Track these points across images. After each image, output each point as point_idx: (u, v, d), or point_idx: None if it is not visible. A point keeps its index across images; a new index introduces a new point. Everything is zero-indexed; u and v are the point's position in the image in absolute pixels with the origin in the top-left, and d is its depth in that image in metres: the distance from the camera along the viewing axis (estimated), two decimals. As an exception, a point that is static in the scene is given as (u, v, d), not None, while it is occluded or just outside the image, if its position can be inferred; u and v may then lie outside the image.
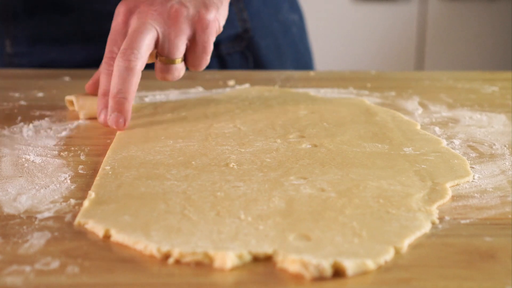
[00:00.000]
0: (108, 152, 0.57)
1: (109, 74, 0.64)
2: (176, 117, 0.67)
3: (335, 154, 0.56)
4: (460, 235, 0.43)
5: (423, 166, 0.54)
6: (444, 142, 0.60)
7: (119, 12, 0.65)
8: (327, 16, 2.37)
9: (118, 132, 0.62)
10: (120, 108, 0.62)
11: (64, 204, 0.47)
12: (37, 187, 0.50)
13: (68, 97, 0.71)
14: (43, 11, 0.91)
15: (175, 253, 0.40)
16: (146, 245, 0.41)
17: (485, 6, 2.36)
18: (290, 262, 0.39)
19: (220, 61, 0.95)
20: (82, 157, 0.57)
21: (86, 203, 0.47)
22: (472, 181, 0.52)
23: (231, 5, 0.89)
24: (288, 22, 1.03)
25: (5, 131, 0.64)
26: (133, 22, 0.64)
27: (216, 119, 0.66)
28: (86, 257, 0.40)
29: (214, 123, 0.65)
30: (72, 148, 0.59)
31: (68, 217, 0.45)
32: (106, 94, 0.64)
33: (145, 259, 0.40)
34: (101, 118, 0.63)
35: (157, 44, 0.64)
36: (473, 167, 0.55)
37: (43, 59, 0.92)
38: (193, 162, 0.54)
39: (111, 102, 0.62)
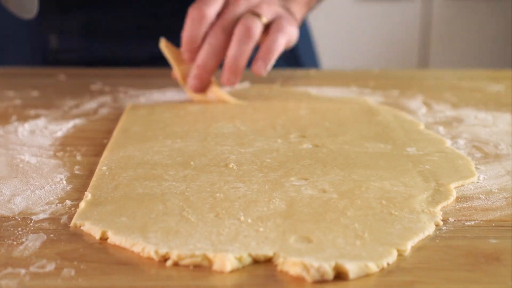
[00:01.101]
0: (105, 152, 0.56)
1: None
2: (174, 116, 0.66)
3: (337, 154, 0.55)
4: (464, 237, 0.43)
5: (426, 166, 0.53)
6: (448, 142, 0.59)
7: None
8: (330, 14, 2.36)
9: (115, 132, 0.61)
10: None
11: (59, 205, 0.47)
12: (32, 188, 0.49)
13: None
14: (97, 4, 0.89)
15: (173, 255, 0.39)
16: (144, 247, 0.40)
17: (489, 4, 2.36)
18: (291, 264, 0.38)
19: None
20: (78, 158, 0.56)
21: (82, 204, 0.46)
22: (477, 182, 0.51)
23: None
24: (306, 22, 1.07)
25: (0, 131, 0.63)
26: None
27: (215, 118, 0.65)
28: (82, 259, 0.39)
29: (213, 123, 0.64)
30: (68, 148, 0.59)
31: (64, 219, 0.45)
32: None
33: (143, 262, 0.39)
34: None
35: None
36: (478, 168, 0.54)
37: (94, 55, 0.90)
38: (191, 163, 0.53)
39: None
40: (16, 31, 0.82)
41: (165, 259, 0.39)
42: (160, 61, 0.89)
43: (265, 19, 0.68)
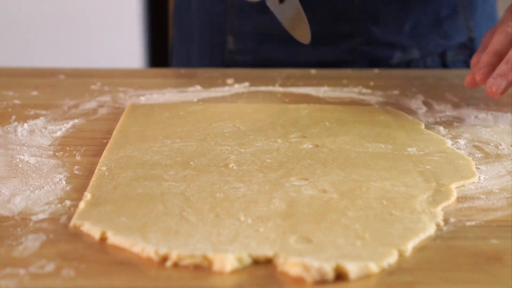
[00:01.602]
0: (105, 152, 0.56)
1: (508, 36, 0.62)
2: (174, 116, 0.66)
3: (337, 154, 0.55)
4: (465, 238, 0.43)
5: (427, 166, 0.53)
6: (449, 142, 0.59)
7: None
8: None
9: (115, 132, 0.61)
10: (508, 75, 0.60)
11: (59, 205, 0.47)
12: (31, 188, 0.49)
13: None
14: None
15: (173, 255, 0.39)
16: (144, 247, 0.40)
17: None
18: (291, 265, 0.38)
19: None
20: (78, 158, 0.56)
21: (81, 204, 0.46)
22: (478, 182, 0.51)
23: (458, 13, 0.94)
24: None
25: (-1, 131, 0.63)
26: None
27: (215, 118, 0.65)
28: (82, 260, 0.39)
29: (213, 123, 0.64)
30: (68, 148, 0.58)
31: (63, 219, 0.45)
32: (496, 54, 0.62)
33: (143, 262, 0.39)
34: (479, 76, 0.62)
35: None
36: (478, 168, 0.54)
37: (268, 57, 0.91)
38: (191, 163, 0.53)
39: (503, 67, 0.60)
40: (200, 31, 0.83)
41: (164, 259, 0.39)
42: (328, 67, 0.89)
43: None
